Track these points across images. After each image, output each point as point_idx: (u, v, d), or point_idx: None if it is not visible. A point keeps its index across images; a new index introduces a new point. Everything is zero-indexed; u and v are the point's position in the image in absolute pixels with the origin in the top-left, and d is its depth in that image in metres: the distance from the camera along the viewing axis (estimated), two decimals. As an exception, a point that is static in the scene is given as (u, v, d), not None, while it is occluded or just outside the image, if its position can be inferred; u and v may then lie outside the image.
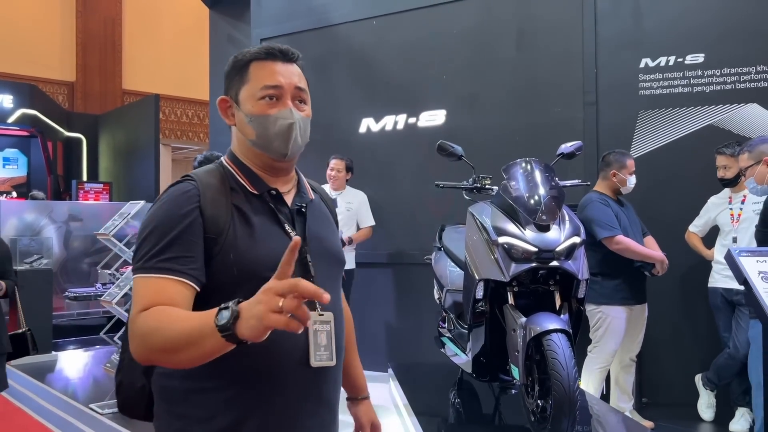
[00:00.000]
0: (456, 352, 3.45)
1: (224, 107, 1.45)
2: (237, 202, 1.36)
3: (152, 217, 1.33)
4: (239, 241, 1.32)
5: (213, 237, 1.30)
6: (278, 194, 1.41)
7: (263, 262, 1.29)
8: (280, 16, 6.10)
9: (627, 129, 4.60)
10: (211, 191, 1.35)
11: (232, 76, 1.43)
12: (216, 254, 1.30)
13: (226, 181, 1.39)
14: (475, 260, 2.95)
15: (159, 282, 1.26)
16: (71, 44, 12.48)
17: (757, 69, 4.32)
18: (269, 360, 1.31)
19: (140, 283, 1.28)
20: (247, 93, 1.40)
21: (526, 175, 2.97)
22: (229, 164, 1.44)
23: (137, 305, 1.25)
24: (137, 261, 1.29)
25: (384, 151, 5.55)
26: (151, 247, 1.27)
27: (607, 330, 3.92)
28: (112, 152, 10.99)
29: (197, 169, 1.44)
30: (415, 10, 5.43)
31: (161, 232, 1.28)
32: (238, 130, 1.44)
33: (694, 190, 4.36)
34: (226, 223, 1.32)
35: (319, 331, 1.33)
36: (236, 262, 1.30)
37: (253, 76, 1.40)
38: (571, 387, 2.45)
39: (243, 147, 1.44)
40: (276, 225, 1.38)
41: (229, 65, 1.45)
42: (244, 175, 1.41)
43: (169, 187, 1.39)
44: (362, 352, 1.97)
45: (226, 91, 1.45)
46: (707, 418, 4.16)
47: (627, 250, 3.83)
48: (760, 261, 2.58)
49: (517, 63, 5.03)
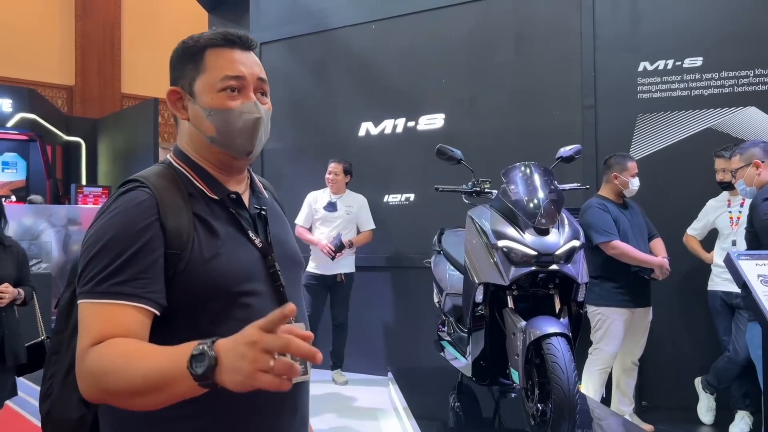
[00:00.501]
0: (456, 356, 3.44)
1: (174, 99, 1.29)
2: (197, 210, 1.21)
3: (101, 231, 1.15)
4: (205, 254, 1.17)
5: (176, 252, 1.15)
6: (238, 198, 1.28)
7: (232, 276, 1.19)
8: (279, 20, 6.11)
9: (626, 132, 4.61)
10: (169, 199, 1.19)
11: (184, 64, 1.27)
12: (180, 271, 1.15)
13: (182, 185, 1.24)
14: (474, 264, 2.96)
15: (112, 309, 1.10)
16: (70, 48, 12.48)
17: (755, 72, 4.33)
18: None
19: (89, 309, 1.12)
20: (205, 84, 1.24)
21: (526, 178, 2.97)
22: (181, 165, 1.28)
23: (87, 336, 1.09)
24: (84, 283, 1.13)
25: (383, 155, 5.55)
26: (102, 268, 1.11)
27: (606, 332, 3.94)
28: (111, 156, 10.99)
29: (145, 172, 1.26)
30: (414, 14, 5.44)
31: (114, 250, 1.12)
32: (191, 126, 1.27)
33: (693, 193, 4.36)
34: (189, 235, 1.17)
35: None
36: (204, 278, 1.16)
37: (210, 65, 1.25)
38: (571, 391, 2.45)
39: (197, 144, 1.28)
40: (240, 233, 1.25)
41: (178, 52, 1.29)
42: (200, 177, 1.26)
43: (118, 194, 1.20)
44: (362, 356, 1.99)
45: (174, 81, 1.29)
46: (707, 421, 4.16)
47: (623, 255, 3.85)
48: (760, 264, 2.58)
49: (516, 67, 5.04)
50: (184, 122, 1.30)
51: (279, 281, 1.26)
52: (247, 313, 1.18)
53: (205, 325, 1.16)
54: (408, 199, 5.45)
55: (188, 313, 1.16)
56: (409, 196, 5.44)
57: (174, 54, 1.30)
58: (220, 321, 1.17)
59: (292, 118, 5.96)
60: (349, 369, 5.47)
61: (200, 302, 1.17)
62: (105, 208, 1.19)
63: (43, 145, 10.36)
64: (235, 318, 1.17)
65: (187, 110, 1.28)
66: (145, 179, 1.21)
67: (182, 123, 1.30)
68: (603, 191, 4.09)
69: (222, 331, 1.12)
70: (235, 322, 1.15)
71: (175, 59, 1.29)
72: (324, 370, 5.38)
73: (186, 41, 1.28)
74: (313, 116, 5.88)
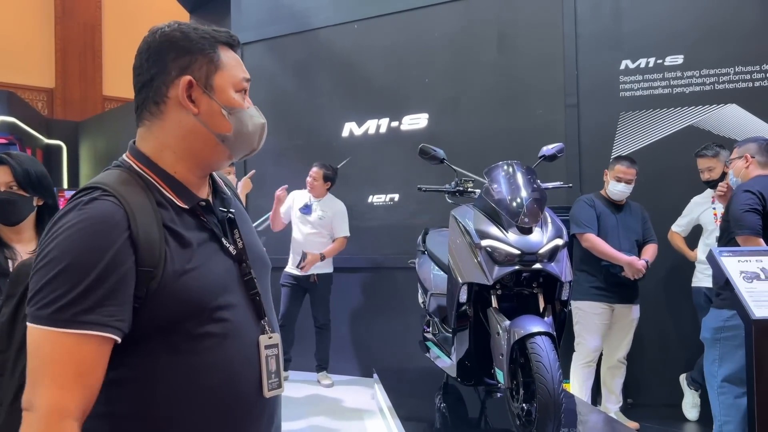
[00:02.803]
0: (441, 356, 3.43)
1: (188, 90, 1.17)
2: (167, 221, 1.12)
3: (62, 248, 1.02)
4: (178, 269, 1.09)
5: (149, 270, 1.06)
6: (208, 204, 1.21)
7: (208, 290, 1.13)
8: (260, 21, 6.07)
9: (608, 130, 4.62)
10: (139, 210, 1.09)
11: (193, 55, 1.17)
12: (153, 290, 1.07)
13: (149, 193, 1.13)
14: (458, 264, 2.94)
15: (77, 340, 1.00)
16: (50, 50, 12.35)
17: (735, 70, 4.36)
18: (224, 401, 1.14)
19: (49, 338, 1.00)
20: (226, 81, 1.19)
21: (508, 177, 2.96)
22: (145, 171, 1.17)
23: (53, 382, 0.99)
24: (41, 306, 1.01)
25: (367, 156, 5.53)
26: (65, 292, 1.00)
27: (583, 326, 4.03)
28: (93, 159, 10.88)
29: (106, 178, 1.13)
30: (397, 14, 5.42)
31: (78, 272, 1.01)
32: (198, 122, 1.17)
33: (676, 190, 4.38)
34: (161, 249, 1.08)
35: (270, 356, 1.22)
36: (179, 295, 1.09)
37: (226, 63, 1.20)
38: (556, 390, 2.44)
39: (189, 143, 1.18)
40: (212, 241, 1.18)
41: (184, 38, 1.18)
42: (169, 186, 1.17)
43: (80, 204, 1.07)
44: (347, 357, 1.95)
45: (181, 71, 1.16)
46: (692, 417, 4.18)
47: (593, 248, 3.97)
48: (742, 261, 2.59)
49: (499, 66, 5.04)
50: (179, 117, 1.17)
51: (254, 289, 1.22)
52: (223, 327, 1.15)
53: (182, 343, 1.11)
54: (392, 199, 5.43)
55: (163, 332, 1.09)
56: (394, 197, 5.42)
57: (172, 41, 1.17)
58: (196, 338, 1.12)
59: (274, 120, 5.87)
60: (335, 371, 5.44)
61: (176, 320, 1.10)
62: (65, 220, 1.05)
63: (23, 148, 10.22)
64: (211, 334, 1.13)
65: (198, 104, 1.17)
66: (109, 187, 1.09)
67: (174, 118, 1.17)
68: (602, 189, 4.18)
69: (199, 349, 1.12)
70: (212, 338, 1.13)
71: (178, 47, 1.17)
72: (309, 372, 5.35)
73: (186, 30, 1.18)
74: (295, 117, 5.84)
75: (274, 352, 1.23)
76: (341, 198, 5.34)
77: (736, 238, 3.04)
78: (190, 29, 1.19)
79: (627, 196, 4.08)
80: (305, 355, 5.32)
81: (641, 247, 4.09)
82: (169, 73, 1.16)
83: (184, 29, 1.19)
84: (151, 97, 1.18)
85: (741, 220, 3.01)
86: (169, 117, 1.17)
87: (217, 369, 1.13)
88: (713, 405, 3.19)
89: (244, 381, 1.17)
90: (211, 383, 1.12)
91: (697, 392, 4.16)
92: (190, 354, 1.11)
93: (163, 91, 1.17)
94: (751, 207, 3.00)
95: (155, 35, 1.19)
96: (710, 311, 3.23)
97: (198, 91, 1.17)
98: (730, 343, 3.05)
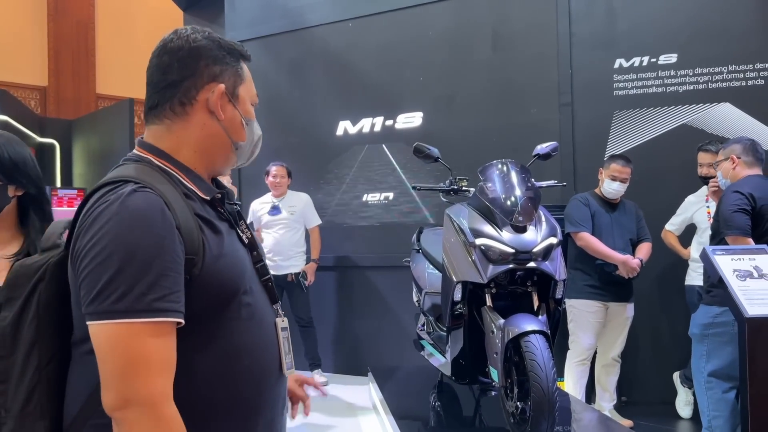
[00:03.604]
0: (435, 355, 3.43)
1: (222, 98, 1.23)
2: (198, 211, 1.17)
3: (121, 240, 1.04)
4: (216, 255, 1.14)
5: (191, 257, 1.10)
6: (223, 197, 1.26)
7: (240, 274, 1.19)
8: (254, 19, 6.05)
9: (602, 129, 4.63)
10: (174, 200, 1.12)
11: (225, 65, 1.24)
12: (195, 276, 1.10)
13: (176, 186, 1.17)
14: (452, 262, 2.94)
15: (159, 328, 1.03)
16: (42, 48, 12.28)
17: (728, 69, 4.37)
18: (254, 381, 1.20)
19: (133, 331, 1.02)
20: (247, 93, 1.28)
21: (503, 176, 2.96)
22: (168, 166, 1.20)
23: (148, 371, 1.01)
24: (115, 300, 1.01)
25: (362, 154, 5.52)
26: (136, 282, 1.02)
27: (577, 324, 4.04)
28: (86, 158, 10.82)
29: (132, 171, 1.15)
30: (391, 12, 5.42)
31: (144, 261, 1.03)
32: (222, 127, 1.23)
33: (669, 189, 4.39)
34: (199, 237, 1.12)
35: (285, 338, 1.29)
36: (217, 279, 1.13)
37: (247, 77, 1.29)
38: (550, 388, 2.44)
39: (209, 146, 1.24)
40: (232, 230, 1.24)
41: (215, 49, 1.23)
42: (190, 178, 1.21)
43: (120, 196, 1.07)
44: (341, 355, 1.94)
45: (213, 77, 1.22)
46: (685, 415, 4.20)
47: (587, 247, 3.98)
48: (735, 259, 2.60)
49: (493, 65, 5.04)
50: (203, 120, 1.22)
51: (267, 275, 1.29)
52: (249, 311, 1.20)
53: (213, 326, 1.15)
54: (387, 198, 5.43)
55: (200, 316, 1.12)
56: (388, 195, 5.42)
57: (205, 47, 1.22)
58: (228, 321, 1.16)
59: (268, 118, 5.89)
60: (329, 369, 5.44)
61: (213, 304, 1.14)
62: (109, 213, 1.06)
63: (16, 147, 10.17)
64: (240, 318, 1.18)
65: (224, 112, 1.23)
66: (141, 179, 1.11)
67: (198, 120, 1.22)
68: (597, 188, 4.18)
69: (230, 332, 1.17)
70: (240, 321, 1.19)
71: (211, 56, 1.22)
72: (304, 371, 5.34)
73: (217, 40, 1.24)
74: (290, 116, 5.83)
75: (287, 334, 1.30)
76: (337, 197, 5.34)
77: (725, 239, 3.05)
78: (218, 40, 1.26)
79: (621, 195, 4.09)
80: (297, 354, 5.31)
81: (635, 246, 4.10)
82: (201, 77, 1.21)
83: (215, 38, 1.25)
84: (178, 97, 1.21)
85: (730, 220, 3.03)
86: (194, 119, 1.22)
87: (246, 351, 1.18)
88: (700, 400, 3.22)
89: (268, 362, 1.23)
90: (240, 365, 1.17)
91: (691, 390, 4.17)
92: (222, 338, 1.15)
93: (193, 93, 1.21)
94: (740, 207, 3.03)
95: (187, 40, 1.22)
96: (700, 307, 3.25)
97: (225, 100, 1.23)
98: (718, 339, 3.08)
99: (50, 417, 1.12)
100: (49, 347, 1.10)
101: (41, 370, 1.12)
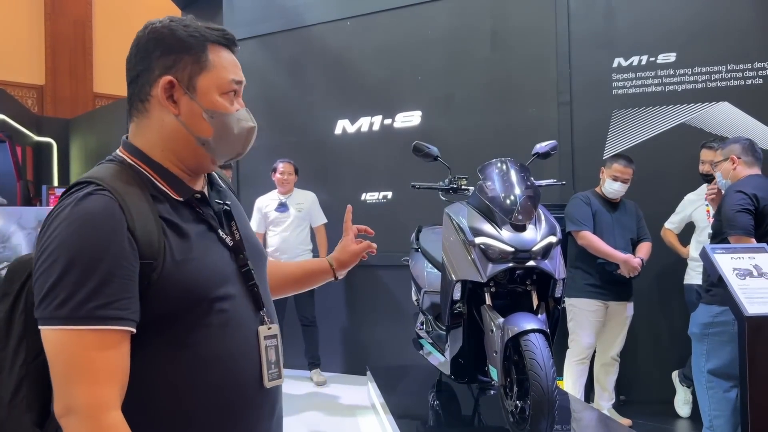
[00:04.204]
0: (434, 354, 3.42)
1: (167, 89, 1.15)
2: (163, 213, 1.12)
3: (65, 245, 1.01)
4: (179, 260, 1.09)
5: (149, 262, 1.06)
6: (204, 197, 1.21)
7: (208, 281, 1.13)
8: (252, 18, 6.04)
9: (601, 128, 4.63)
10: (134, 203, 1.08)
11: (179, 54, 1.15)
12: (154, 281, 1.06)
13: (144, 186, 1.13)
14: (452, 261, 2.93)
15: (100, 337, 1.00)
16: (40, 47, 12.26)
17: (727, 68, 4.37)
18: (225, 393, 1.15)
19: (71, 338, 0.99)
20: (210, 83, 1.16)
21: (502, 175, 2.95)
22: (139, 164, 1.16)
23: (87, 379, 0.99)
24: (57, 306, 1.00)
25: (360, 153, 5.52)
26: (77, 289, 0.99)
27: (577, 323, 4.03)
28: (83, 157, 10.81)
29: (99, 172, 1.13)
30: (390, 11, 5.41)
31: (87, 268, 1.00)
32: (179, 123, 1.16)
33: (668, 188, 4.39)
34: (160, 241, 1.07)
35: (269, 347, 1.22)
36: (180, 286, 1.09)
37: (215, 64, 1.17)
38: (550, 387, 2.44)
39: (175, 143, 1.17)
40: (210, 233, 1.18)
41: (167, 37, 1.15)
42: (163, 178, 1.16)
43: (75, 200, 1.06)
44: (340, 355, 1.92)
45: (165, 70, 1.14)
46: (684, 414, 4.20)
47: (589, 246, 3.97)
48: (735, 258, 2.60)
49: (492, 64, 5.03)
50: (161, 117, 1.16)
51: (252, 280, 1.22)
52: (223, 319, 1.15)
53: (182, 336, 1.11)
54: (385, 197, 5.42)
55: (163, 323, 1.09)
56: (387, 194, 5.41)
57: (159, 38, 1.16)
58: (196, 330, 1.12)
59: (267, 117, 5.89)
60: (328, 368, 5.43)
61: (176, 311, 1.09)
62: (62, 217, 1.04)
63: (13, 146, 10.15)
64: (211, 325, 1.13)
65: (179, 106, 1.15)
66: (102, 181, 1.08)
67: (158, 117, 1.16)
68: (597, 187, 4.18)
69: (199, 341, 1.12)
70: (212, 330, 1.13)
71: (164, 45, 1.15)
72: (302, 370, 5.34)
73: (175, 28, 1.16)
74: (288, 115, 5.82)
75: (274, 342, 1.23)
76: (336, 196, 5.34)
77: (728, 239, 3.05)
78: (180, 26, 1.17)
79: (622, 195, 4.09)
80: (296, 354, 5.31)
81: (635, 245, 4.10)
82: (153, 71, 1.15)
83: (174, 26, 1.17)
84: (137, 94, 1.18)
85: (733, 220, 3.03)
86: (153, 115, 1.17)
87: (217, 361, 1.13)
88: (701, 400, 3.21)
89: (244, 372, 1.17)
90: (211, 375, 1.12)
91: (689, 389, 4.17)
92: (191, 346, 1.11)
93: (147, 89, 1.16)
94: (743, 207, 3.03)
95: (146, 31, 1.18)
96: (699, 306, 3.25)
97: (179, 92, 1.15)
98: (718, 339, 3.07)
99: (37, 410, 1.11)
100: (36, 342, 1.07)
101: (28, 364, 1.11)
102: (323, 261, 1.68)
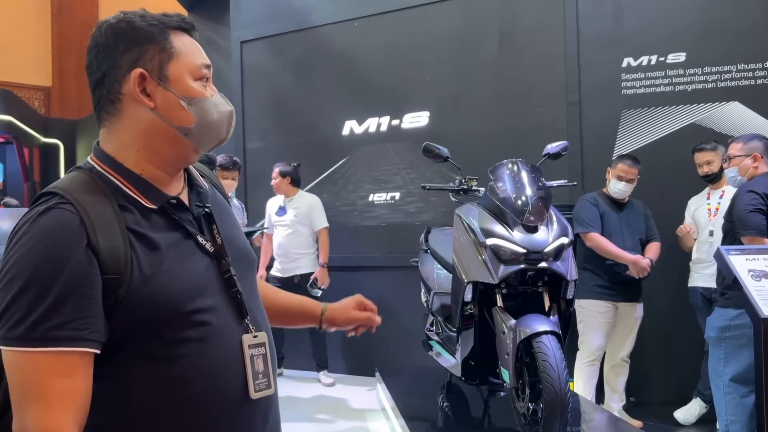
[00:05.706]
0: (444, 355, 3.41)
1: (139, 83, 1.09)
2: (131, 224, 1.06)
3: (21, 264, 0.97)
4: (148, 274, 1.03)
5: (114, 277, 1.01)
6: (179, 202, 1.14)
7: (183, 293, 1.07)
8: (260, 19, 6.04)
9: (610, 128, 4.61)
10: (97, 216, 1.03)
11: (142, 45, 1.09)
12: (122, 297, 1.01)
13: (110, 196, 1.07)
14: (463, 262, 2.92)
15: (55, 359, 0.96)
16: (47, 48, 12.30)
17: (737, 67, 4.35)
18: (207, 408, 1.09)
19: (25, 360, 0.96)
20: (182, 70, 1.11)
21: (513, 176, 2.94)
22: (108, 171, 1.10)
23: (40, 403, 0.95)
24: (10, 327, 0.96)
25: (368, 154, 5.51)
26: (31, 309, 0.95)
27: (587, 324, 4.01)
28: (90, 158, 10.83)
29: (65, 183, 1.07)
30: (397, 11, 5.40)
31: (41, 287, 0.96)
32: (157, 116, 1.10)
33: (678, 188, 4.37)
34: (127, 254, 1.02)
35: (255, 356, 1.16)
36: (150, 301, 1.03)
37: (180, 50, 1.12)
38: (562, 389, 2.42)
39: (150, 140, 1.11)
40: (186, 240, 1.12)
41: (126, 30, 1.10)
42: (134, 185, 1.10)
43: (35, 215, 1.01)
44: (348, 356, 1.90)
45: (132, 63, 1.09)
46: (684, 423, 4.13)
47: (598, 247, 3.95)
48: (750, 259, 2.58)
49: (500, 64, 5.02)
50: (136, 114, 1.10)
51: (235, 287, 1.16)
52: (202, 331, 1.09)
53: (159, 351, 1.06)
54: (393, 197, 5.41)
55: (138, 340, 1.04)
56: (395, 195, 5.40)
57: (118, 33, 1.10)
58: (174, 344, 1.07)
59: (274, 118, 5.90)
60: (337, 370, 5.42)
61: (150, 327, 1.04)
62: (21, 233, 1.00)
63: (20, 147, 10.19)
64: (189, 339, 1.07)
65: (154, 98, 1.10)
66: (66, 192, 1.03)
67: (131, 115, 1.10)
68: (604, 188, 4.16)
69: (177, 355, 1.07)
70: (191, 343, 1.08)
71: (126, 39, 1.09)
72: (311, 372, 5.33)
73: (132, 19, 1.10)
74: (295, 115, 5.81)
75: (261, 351, 1.17)
76: (343, 197, 5.33)
77: (741, 239, 3.03)
78: (136, 17, 1.11)
79: (628, 195, 4.06)
80: (304, 355, 5.30)
81: (644, 246, 4.07)
82: (120, 68, 1.09)
83: (130, 18, 1.11)
84: (106, 96, 1.11)
85: (746, 220, 3.00)
86: (126, 115, 1.11)
87: (197, 375, 1.08)
88: (718, 404, 3.18)
89: (227, 385, 1.12)
90: (192, 391, 1.07)
91: (707, 406, 4.01)
92: (168, 361, 1.06)
93: (117, 88, 1.10)
94: (756, 207, 3.00)
95: (101, 29, 1.11)
96: (715, 310, 3.22)
97: (152, 84, 1.10)
98: (735, 342, 3.04)
99: None
100: None
101: None
102: (317, 307, 1.56)
